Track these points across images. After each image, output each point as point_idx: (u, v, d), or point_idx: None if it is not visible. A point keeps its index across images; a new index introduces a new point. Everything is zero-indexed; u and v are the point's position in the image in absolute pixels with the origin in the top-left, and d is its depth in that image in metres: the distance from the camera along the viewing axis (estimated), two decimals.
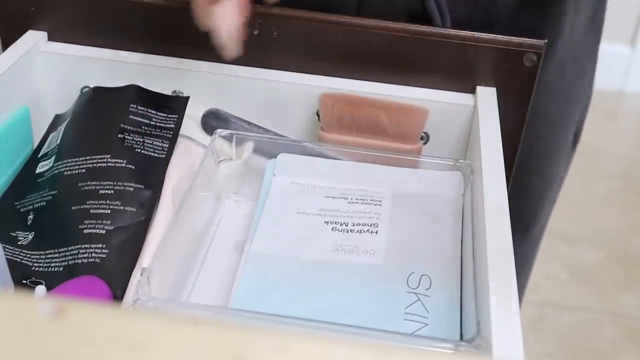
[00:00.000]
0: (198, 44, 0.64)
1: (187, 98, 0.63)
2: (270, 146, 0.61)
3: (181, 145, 0.61)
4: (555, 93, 0.69)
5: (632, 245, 1.75)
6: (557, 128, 0.72)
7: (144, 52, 0.65)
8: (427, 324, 0.47)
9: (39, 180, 0.58)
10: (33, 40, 0.65)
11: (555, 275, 1.66)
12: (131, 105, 0.60)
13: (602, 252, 1.73)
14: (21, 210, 0.56)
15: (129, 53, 0.65)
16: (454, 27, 0.61)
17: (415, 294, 0.50)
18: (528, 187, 0.73)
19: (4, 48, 0.64)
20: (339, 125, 0.62)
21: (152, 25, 0.64)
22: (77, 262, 0.51)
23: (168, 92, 0.64)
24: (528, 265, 0.82)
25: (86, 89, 0.64)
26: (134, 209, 0.54)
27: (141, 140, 0.58)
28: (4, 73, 0.60)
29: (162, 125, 0.60)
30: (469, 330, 0.46)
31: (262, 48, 0.63)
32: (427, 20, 0.61)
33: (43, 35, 0.66)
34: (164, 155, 0.58)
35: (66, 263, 0.51)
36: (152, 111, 0.61)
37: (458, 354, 0.43)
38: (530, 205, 0.76)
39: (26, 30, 0.66)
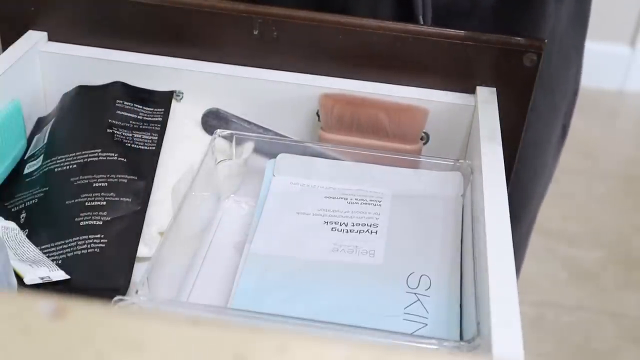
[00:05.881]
0: (198, 44, 0.64)
1: (172, 92, 0.63)
2: (270, 146, 0.61)
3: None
4: (542, 83, 0.69)
5: (632, 245, 1.75)
6: (544, 119, 0.72)
7: (144, 53, 0.65)
8: (426, 324, 0.47)
9: (27, 180, 0.58)
10: (33, 40, 0.65)
11: (555, 275, 1.66)
12: (117, 101, 0.61)
13: (602, 252, 1.73)
14: (12, 209, 0.57)
15: (129, 53, 0.65)
16: (436, 15, 0.61)
17: (415, 294, 0.50)
18: (517, 177, 0.73)
19: (4, 48, 0.64)
20: (339, 125, 0.62)
21: (152, 25, 0.64)
22: (77, 254, 0.51)
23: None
24: (518, 257, 0.82)
25: (66, 92, 0.64)
26: (129, 199, 0.55)
27: (130, 135, 0.59)
28: (4, 73, 0.60)
29: (150, 119, 0.61)
30: (469, 330, 0.46)
31: (262, 48, 0.63)
32: (410, 8, 0.61)
33: (43, 35, 0.66)
34: (154, 148, 0.59)
35: (65, 256, 0.52)
36: (139, 106, 0.62)
37: (458, 354, 0.43)
38: (518, 196, 0.76)
39: (26, 30, 0.66)
